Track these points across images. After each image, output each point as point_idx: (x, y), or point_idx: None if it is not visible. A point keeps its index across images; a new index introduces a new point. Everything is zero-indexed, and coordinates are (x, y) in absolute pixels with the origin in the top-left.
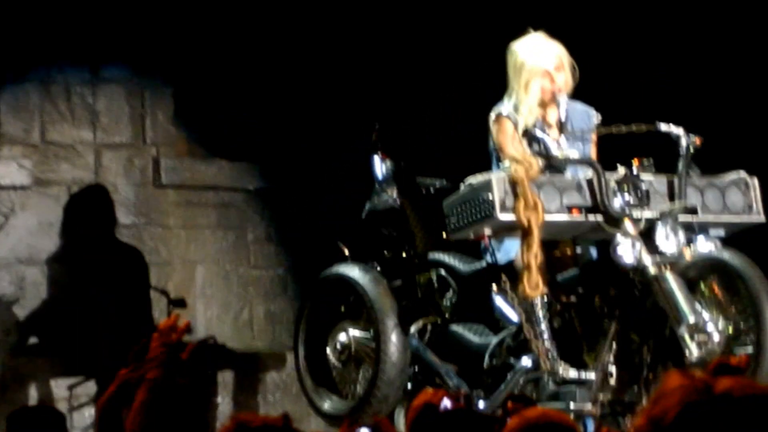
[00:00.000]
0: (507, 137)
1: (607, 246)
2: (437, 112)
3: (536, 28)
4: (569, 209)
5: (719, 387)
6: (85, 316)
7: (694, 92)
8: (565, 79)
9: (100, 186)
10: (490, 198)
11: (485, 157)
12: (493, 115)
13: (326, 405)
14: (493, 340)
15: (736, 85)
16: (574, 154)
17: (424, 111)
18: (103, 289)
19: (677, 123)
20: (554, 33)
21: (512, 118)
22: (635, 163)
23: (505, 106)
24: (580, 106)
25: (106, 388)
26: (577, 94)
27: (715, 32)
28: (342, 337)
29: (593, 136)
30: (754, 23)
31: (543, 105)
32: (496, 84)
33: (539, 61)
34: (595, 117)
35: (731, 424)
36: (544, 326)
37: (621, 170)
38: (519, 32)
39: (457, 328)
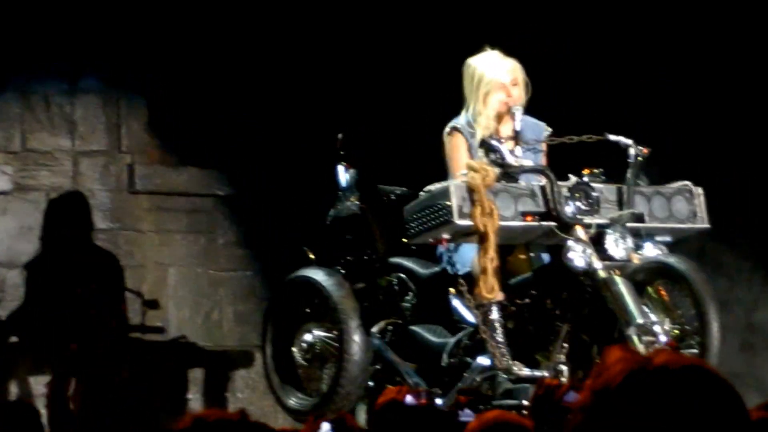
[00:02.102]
0: (457, 151)
1: (559, 251)
2: (398, 123)
3: (492, 46)
4: (523, 216)
5: (656, 360)
6: (62, 317)
7: (644, 106)
8: (519, 94)
9: (77, 192)
10: (449, 204)
11: (444, 166)
12: (447, 129)
13: (292, 401)
14: (451, 340)
15: (685, 102)
16: (528, 163)
17: (386, 122)
18: (80, 290)
19: (627, 135)
20: (507, 50)
21: (465, 132)
22: (586, 172)
23: (459, 121)
24: (532, 120)
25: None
26: (532, 108)
27: (662, 47)
28: (307, 337)
29: (544, 147)
30: (697, 37)
31: (499, 117)
32: (455, 97)
33: (497, 75)
34: (545, 128)
35: (669, 390)
36: (499, 327)
37: (572, 179)
38: (474, 48)
39: (417, 328)
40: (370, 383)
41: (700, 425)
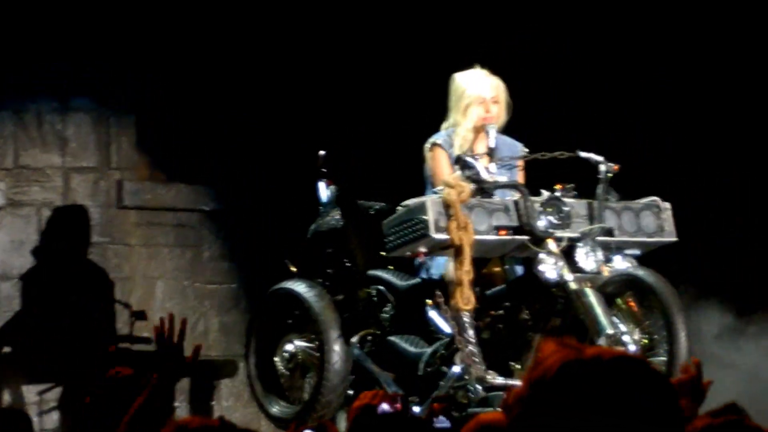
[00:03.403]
0: (439, 165)
1: (532, 263)
2: (377, 141)
3: (478, 63)
4: (498, 230)
5: (589, 352)
6: (54, 328)
7: (616, 125)
8: (498, 112)
9: (68, 207)
10: (425, 219)
11: (421, 182)
12: (428, 144)
13: (275, 409)
14: (428, 350)
15: (654, 120)
16: (502, 179)
17: (365, 140)
18: (71, 302)
19: (598, 152)
20: (488, 66)
21: (445, 147)
22: (558, 187)
23: (439, 136)
24: (509, 139)
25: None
26: (514, 122)
27: (634, 66)
28: (289, 347)
29: (520, 164)
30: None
31: (477, 131)
32: (433, 115)
33: (479, 90)
34: (521, 148)
35: (602, 379)
36: (474, 337)
37: (545, 194)
38: (454, 66)
39: (395, 338)
40: (350, 392)
41: (632, 412)
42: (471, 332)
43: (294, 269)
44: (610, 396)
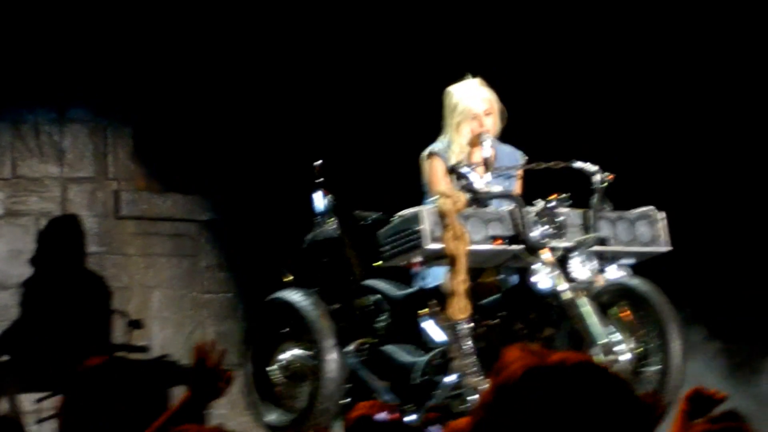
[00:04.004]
0: (436, 174)
1: (527, 273)
2: (373, 151)
3: (473, 74)
4: (493, 239)
5: (553, 358)
6: (51, 336)
7: (612, 135)
8: (493, 122)
9: (65, 217)
10: (420, 229)
11: (416, 192)
12: (425, 154)
13: (271, 418)
14: (422, 359)
15: (650, 130)
16: (497, 189)
17: (361, 151)
18: (69, 311)
19: (593, 161)
20: (486, 79)
21: (443, 156)
22: (553, 197)
23: (437, 145)
24: (507, 148)
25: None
26: (508, 133)
27: (629, 75)
28: (285, 355)
29: (519, 174)
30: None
31: (472, 144)
32: (428, 125)
33: (471, 104)
34: (521, 157)
35: (565, 384)
36: (469, 347)
37: (540, 204)
38: (450, 77)
39: (390, 347)
40: (346, 400)
41: (594, 418)
42: (466, 341)
43: (290, 278)
44: (572, 402)
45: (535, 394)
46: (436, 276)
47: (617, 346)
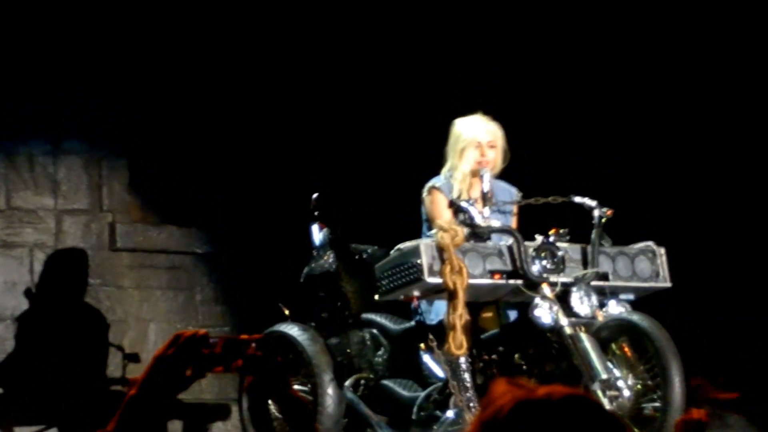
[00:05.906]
0: (437, 208)
1: (526, 308)
2: (370, 185)
3: (475, 109)
4: (492, 274)
5: (540, 392)
6: (47, 369)
7: (610, 170)
8: (495, 157)
9: (60, 249)
10: (419, 263)
11: (414, 225)
12: (426, 188)
13: None
14: (421, 394)
15: (649, 165)
16: (496, 223)
17: (359, 184)
18: (64, 344)
19: (592, 196)
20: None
21: (444, 190)
22: (552, 232)
23: (438, 180)
24: (503, 184)
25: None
26: (508, 168)
27: (628, 111)
28: None
29: (514, 209)
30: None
31: (473, 174)
32: (426, 161)
33: (475, 134)
34: (516, 193)
35: (553, 419)
36: (468, 382)
37: (539, 239)
38: (449, 111)
39: (388, 382)
40: None
41: None
42: (465, 377)
43: (287, 312)
44: None
45: (522, 428)
46: (434, 310)
47: (617, 382)
